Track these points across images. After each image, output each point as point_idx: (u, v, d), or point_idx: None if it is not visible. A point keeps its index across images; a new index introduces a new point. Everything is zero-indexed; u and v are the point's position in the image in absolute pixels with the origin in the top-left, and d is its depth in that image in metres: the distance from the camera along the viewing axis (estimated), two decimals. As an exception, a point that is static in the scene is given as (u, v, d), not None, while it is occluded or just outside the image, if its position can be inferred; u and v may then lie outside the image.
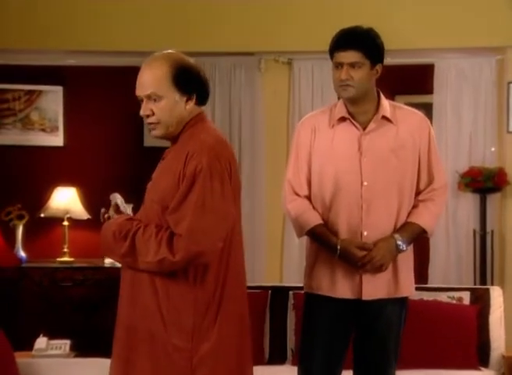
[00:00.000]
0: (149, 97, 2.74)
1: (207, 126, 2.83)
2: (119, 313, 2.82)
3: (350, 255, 3.26)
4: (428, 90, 5.77)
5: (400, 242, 3.28)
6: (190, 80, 2.76)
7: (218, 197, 2.66)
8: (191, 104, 2.78)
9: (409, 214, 3.35)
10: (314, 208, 3.38)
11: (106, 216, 2.86)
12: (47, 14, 5.66)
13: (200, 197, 2.63)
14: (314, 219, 3.35)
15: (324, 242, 3.33)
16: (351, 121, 3.33)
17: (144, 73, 2.76)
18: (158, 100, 2.74)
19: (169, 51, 2.82)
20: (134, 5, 5.70)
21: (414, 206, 3.36)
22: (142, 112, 2.77)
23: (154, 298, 2.70)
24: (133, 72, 2.87)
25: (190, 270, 2.68)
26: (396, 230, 3.31)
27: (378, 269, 3.28)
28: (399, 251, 3.29)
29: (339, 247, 3.27)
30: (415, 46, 5.52)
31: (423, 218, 3.34)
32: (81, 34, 5.63)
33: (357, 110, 3.33)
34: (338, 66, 3.30)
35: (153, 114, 2.76)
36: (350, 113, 3.33)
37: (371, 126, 3.32)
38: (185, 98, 2.76)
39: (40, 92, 6.09)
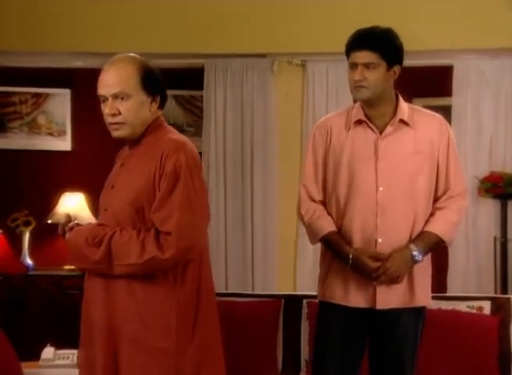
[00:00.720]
0: (116, 96, 2.79)
1: (169, 129, 2.92)
2: (92, 323, 2.81)
3: (362, 265, 3.18)
4: (447, 92, 5.67)
5: (415, 253, 3.19)
6: (154, 82, 2.84)
7: (199, 194, 2.78)
8: (155, 106, 2.86)
9: (426, 222, 3.25)
10: (328, 213, 3.31)
11: (71, 224, 2.88)
12: (54, 16, 5.62)
13: (184, 194, 2.72)
14: (327, 225, 3.28)
15: (336, 251, 3.26)
16: (368, 124, 3.25)
17: (110, 73, 2.81)
18: (126, 99, 2.79)
19: (131, 54, 2.89)
20: (143, 7, 5.65)
21: (431, 214, 3.27)
22: (108, 111, 2.80)
23: (133, 302, 2.74)
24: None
25: (170, 271, 2.74)
26: (411, 240, 3.22)
27: (394, 280, 3.19)
28: (415, 261, 3.20)
29: (351, 256, 3.19)
30: (433, 47, 5.43)
31: (440, 227, 3.25)
32: (89, 36, 5.60)
33: (374, 113, 3.25)
34: (353, 66, 3.22)
35: (119, 113, 2.79)
36: (366, 116, 3.26)
37: (388, 129, 3.24)
38: (150, 100, 2.84)
39: (47, 95, 6.05)
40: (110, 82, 2.79)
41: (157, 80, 2.85)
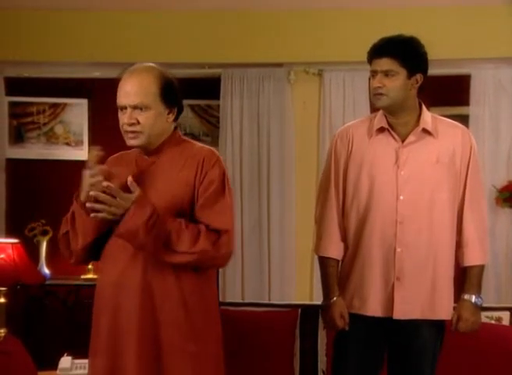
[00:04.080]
0: (136, 106, 2.82)
1: (189, 139, 3.05)
2: (120, 331, 2.82)
3: (331, 319, 3.28)
4: (465, 101, 5.66)
5: (475, 300, 3.24)
6: (173, 94, 2.89)
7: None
8: (172, 117, 2.91)
9: (462, 252, 3.27)
10: (340, 227, 3.32)
11: (105, 184, 2.74)
12: (71, 26, 5.64)
13: (231, 199, 2.88)
14: (332, 250, 3.34)
15: (324, 282, 3.35)
16: (390, 132, 3.24)
17: (130, 83, 2.83)
18: (145, 110, 2.82)
19: (151, 64, 2.93)
20: (160, 17, 5.67)
21: (461, 236, 3.27)
22: (127, 120, 2.84)
23: (170, 308, 2.80)
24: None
25: (203, 275, 2.86)
26: (463, 290, 3.26)
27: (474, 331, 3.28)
28: (480, 305, 3.26)
29: (331, 301, 3.29)
30: (451, 56, 5.41)
31: (477, 254, 3.28)
32: (106, 46, 5.61)
33: (397, 121, 3.24)
34: (373, 74, 3.22)
35: (138, 123, 2.83)
36: (389, 124, 3.24)
37: (411, 138, 3.22)
38: (167, 111, 2.88)
39: (64, 105, 6.06)
40: (130, 92, 2.82)
41: (175, 92, 2.90)
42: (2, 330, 4.42)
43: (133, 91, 2.82)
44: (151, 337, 2.78)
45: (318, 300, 5.27)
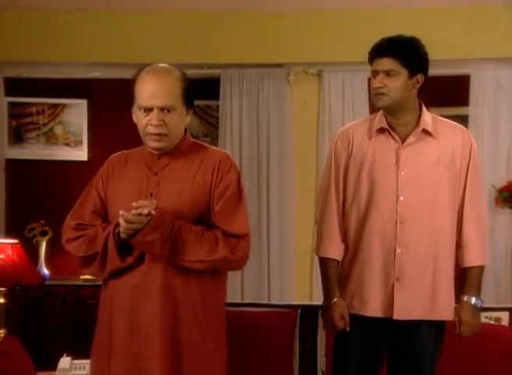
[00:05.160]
0: (164, 108, 2.79)
1: (199, 141, 3.07)
2: (139, 333, 2.80)
3: (332, 320, 3.27)
4: (464, 101, 5.66)
5: (474, 302, 3.24)
6: (191, 95, 2.89)
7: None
8: (188, 118, 2.90)
9: (461, 252, 3.27)
10: (340, 228, 3.31)
11: (120, 213, 2.72)
12: (71, 27, 5.64)
13: (245, 203, 2.87)
14: (332, 251, 3.33)
15: (325, 282, 3.33)
16: (390, 133, 3.23)
17: (157, 84, 2.80)
18: (171, 112, 2.80)
19: (168, 65, 2.91)
20: (159, 18, 5.68)
21: (461, 237, 3.26)
22: (155, 121, 2.80)
23: (191, 308, 2.80)
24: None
25: (219, 276, 2.87)
26: (462, 291, 3.25)
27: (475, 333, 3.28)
28: (480, 307, 3.26)
29: (331, 302, 3.27)
30: (450, 56, 5.41)
31: (477, 254, 3.27)
32: (105, 47, 5.62)
33: (397, 122, 3.24)
34: (374, 74, 3.22)
35: (165, 124, 2.81)
36: (389, 125, 3.24)
37: (411, 139, 3.22)
38: (185, 112, 2.88)
39: (64, 106, 6.06)
40: (158, 94, 2.79)
41: (192, 93, 2.89)
42: (2, 331, 4.42)
43: (160, 92, 2.79)
44: (172, 337, 2.77)
45: (317, 300, 5.29)
